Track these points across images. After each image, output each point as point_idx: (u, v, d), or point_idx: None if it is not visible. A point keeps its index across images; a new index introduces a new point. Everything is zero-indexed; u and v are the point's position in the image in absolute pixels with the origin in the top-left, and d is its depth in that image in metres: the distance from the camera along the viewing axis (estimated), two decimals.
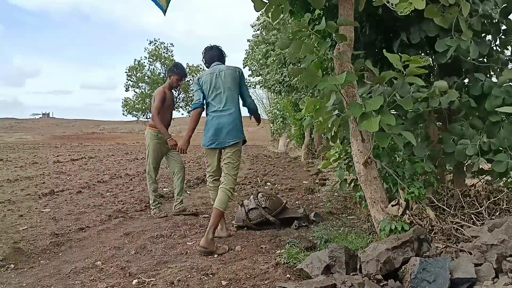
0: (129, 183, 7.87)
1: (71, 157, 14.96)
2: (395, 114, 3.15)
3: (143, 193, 6.40)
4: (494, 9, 3.00)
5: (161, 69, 34.65)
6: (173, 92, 5.06)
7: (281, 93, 14.07)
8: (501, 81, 2.94)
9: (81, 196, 6.28)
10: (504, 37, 3.33)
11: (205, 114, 3.71)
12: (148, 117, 31.40)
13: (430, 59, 3.37)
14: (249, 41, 15.17)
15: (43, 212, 5.04)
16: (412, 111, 3.06)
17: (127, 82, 35.04)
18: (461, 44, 2.87)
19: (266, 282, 2.48)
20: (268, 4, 2.92)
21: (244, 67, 15.55)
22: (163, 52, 35.36)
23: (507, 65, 3.30)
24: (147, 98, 33.01)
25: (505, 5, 3.11)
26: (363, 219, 3.99)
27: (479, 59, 3.14)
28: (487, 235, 2.26)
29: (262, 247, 3.25)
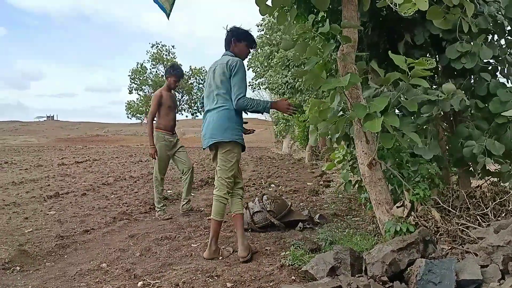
0: (133, 185, 7.89)
1: (75, 159, 15.03)
2: (405, 114, 3.13)
3: (148, 195, 6.42)
4: (499, 9, 2.99)
5: (163, 72, 34.90)
6: (174, 93, 5.07)
7: (285, 95, 14.07)
8: None
9: (86, 198, 6.31)
10: (510, 37, 3.32)
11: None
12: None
13: (434, 61, 3.36)
14: None
15: (48, 214, 5.06)
16: (422, 115, 3.00)
17: (131, 85, 35.26)
18: (473, 48, 2.84)
19: (271, 284, 2.48)
20: (271, 7, 2.92)
21: (248, 69, 15.55)
22: (165, 54, 35.50)
23: None
24: (150, 100, 33.23)
25: (507, 5, 3.09)
26: (368, 220, 3.98)
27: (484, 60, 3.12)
28: (493, 237, 2.24)
29: (266, 249, 3.25)
